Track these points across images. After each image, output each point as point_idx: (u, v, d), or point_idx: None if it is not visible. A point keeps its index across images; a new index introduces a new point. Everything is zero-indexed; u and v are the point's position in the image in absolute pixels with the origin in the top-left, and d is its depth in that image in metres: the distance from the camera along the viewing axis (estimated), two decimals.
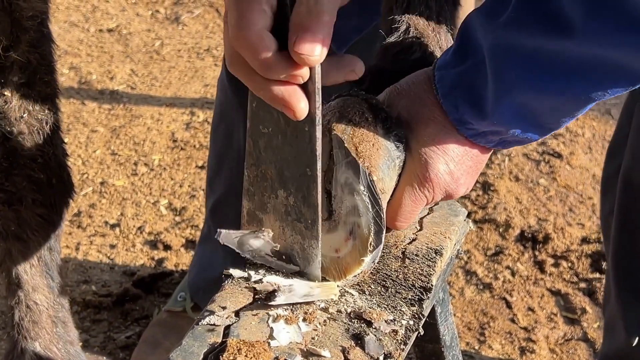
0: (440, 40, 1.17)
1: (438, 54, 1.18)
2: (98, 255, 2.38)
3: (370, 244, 1.00)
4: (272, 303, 0.96)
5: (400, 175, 1.05)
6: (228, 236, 1.01)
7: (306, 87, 0.91)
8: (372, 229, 1.00)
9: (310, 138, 0.94)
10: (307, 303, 0.99)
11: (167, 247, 2.38)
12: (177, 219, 2.49)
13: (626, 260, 1.71)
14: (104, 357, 1.92)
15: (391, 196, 1.05)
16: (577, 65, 0.91)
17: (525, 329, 2.17)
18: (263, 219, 1.02)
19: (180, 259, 2.35)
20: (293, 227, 0.99)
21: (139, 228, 2.46)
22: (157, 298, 2.23)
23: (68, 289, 1.55)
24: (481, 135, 1.03)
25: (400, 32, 1.14)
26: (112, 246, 2.40)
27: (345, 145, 0.99)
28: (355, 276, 1.03)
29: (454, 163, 1.04)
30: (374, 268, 1.04)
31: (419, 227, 1.13)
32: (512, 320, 2.19)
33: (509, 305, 2.23)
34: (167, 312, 2.05)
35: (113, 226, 2.47)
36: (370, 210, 0.99)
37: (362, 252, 1.01)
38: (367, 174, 0.98)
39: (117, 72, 3.18)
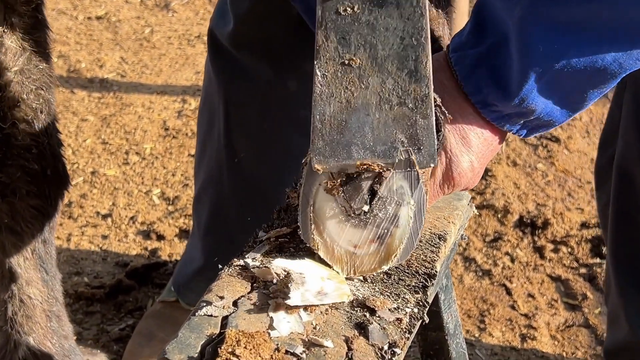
0: (438, 30, 1.19)
1: (436, 41, 1.18)
2: (90, 246, 2.34)
3: (395, 256, 0.98)
4: (288, 302, 0.91)
5: None
6: None
7: None
8: (404, 244, 0.97)
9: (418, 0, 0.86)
10: (307, 290, 0.95)
11: (160, 237, 2.35)
12: (170, 208, 2.46)
13: (625, 251, 1.69)
14: (98, 350, 1.89)
15: None
16: (607, 29, 0.90)
17: (525, 315, 2.15)
18: (347, 121, 0.89)
19: (174, 249, 2.31)
20: (395, 114, 0.89)
21: (132, 218, 2.42)
22: (151, 289, 2.20)
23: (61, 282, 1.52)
24: (505, 118, 1.01)
25: None
26: (104, 237, 2.37)
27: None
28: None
29: (477, 158, 1.03)
30: None
31: None
32: (512, 307, 2.17)
33: (508, 292, 2.20)
34: (161, 303, 2.02)
35: (105, 216, 2.43)
36: (410, 225, 0.96)
37: (384, 260, 0.98)
38: (425, 191, 0.96)
39: (106, 60, 3.14)
